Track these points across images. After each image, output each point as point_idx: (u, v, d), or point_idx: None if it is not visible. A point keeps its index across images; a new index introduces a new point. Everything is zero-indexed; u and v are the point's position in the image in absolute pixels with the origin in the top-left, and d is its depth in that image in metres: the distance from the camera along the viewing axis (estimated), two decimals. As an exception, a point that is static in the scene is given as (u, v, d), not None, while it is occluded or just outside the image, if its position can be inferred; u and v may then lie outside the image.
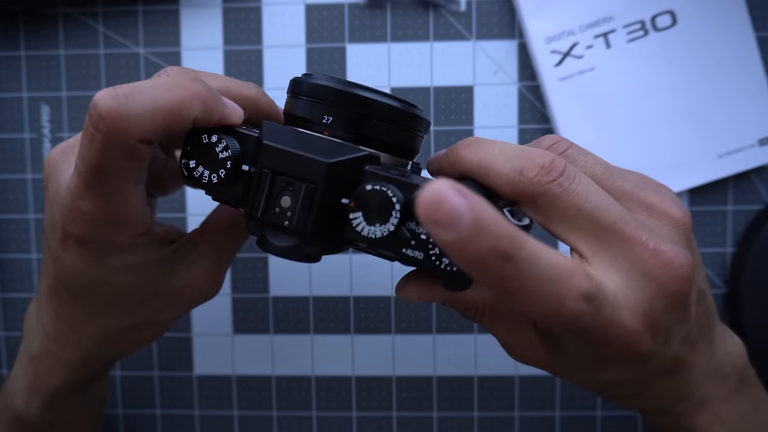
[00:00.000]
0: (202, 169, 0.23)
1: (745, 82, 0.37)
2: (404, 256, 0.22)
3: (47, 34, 0.40)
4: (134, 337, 0.29)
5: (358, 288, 0.40)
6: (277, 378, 0.41)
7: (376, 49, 0.39)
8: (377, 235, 0.21)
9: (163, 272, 0.28)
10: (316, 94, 0.23)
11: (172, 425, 0.41)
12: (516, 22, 0.39)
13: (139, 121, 0.21)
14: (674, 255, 0.23)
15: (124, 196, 0.23)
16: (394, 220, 0.21)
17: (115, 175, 0.23)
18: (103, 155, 0.22)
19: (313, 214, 0.22)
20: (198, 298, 0.29)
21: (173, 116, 0.22)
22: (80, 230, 0.24)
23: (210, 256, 0.29)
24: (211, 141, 0.23)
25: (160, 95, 0.22)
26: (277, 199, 0.22)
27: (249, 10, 0.39)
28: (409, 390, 0.41)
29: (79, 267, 0.26)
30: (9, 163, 0.40)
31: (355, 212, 0.21)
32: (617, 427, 0.40)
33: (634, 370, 0.25)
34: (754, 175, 0.39)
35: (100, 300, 0.27)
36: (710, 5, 0.37)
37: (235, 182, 0.23)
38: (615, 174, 0.25)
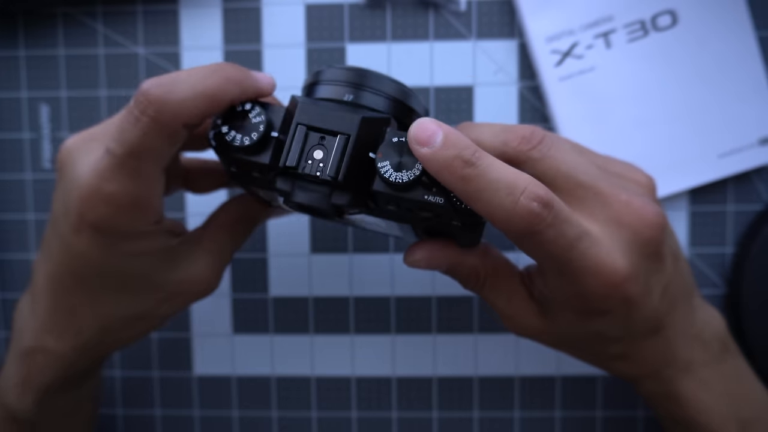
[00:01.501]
0: (235, 134, 0.25)
1: (745, 82, 0.37)
2: (426, 203, 0.24)
3: (47, 34, 0.40)
4: (132, 330, 0.30)
5: (358, 288, 0.40)
6: (277, 378, 0.41)
7: (376, 49, 0.39)
8: (404, 180, 0.24)
9: (168, 263, 0.28)
10: (336, 77, 0.26)
11: (172, 425, 0.41)
12: (516, 22, 0.39)
13: (182, 106, 0.24)
14: (645, 205, 0.26)
15: (152, 180, 0.25)
16: (419, 166, 0.24)
17: (151, 158, 0.25)
18: (146, 137, 0.24)
19: (346, 161, 0.24)
20: (197, 293, 0.30)
21: (212, 100, 0.24)
22: (98, 215, 0.25)
23: (212, 253, 0.30)
24: (245, 109, 0.25)
25: (199, 82, 0.24)
26: (310, 153, 0.24)
27: (249, 10, 0.39)
28: (409, 390, 0.41)
29: (92, 252, 0.26)
30: (9, 163, 0.40)
31: (383, 161, 0.24)
32: (617, 427, 0.40)
33: (621, 321, 0.27)
34: (754, 175, 0.39)
35: (107, 287, 0.27)
36: (710, 5, 0.37)
37: (264, 148, 0.25)
38: (586, 150, 0.29)
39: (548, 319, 0.29)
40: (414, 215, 0.25)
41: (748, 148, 0.37)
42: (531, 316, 0.29)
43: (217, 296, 0.41)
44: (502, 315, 0.29)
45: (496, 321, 0.39)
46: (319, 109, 0.24)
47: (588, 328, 0.28)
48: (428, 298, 0.40)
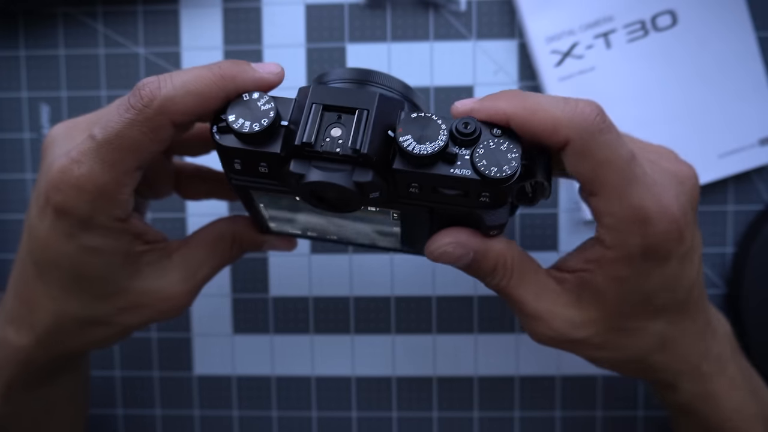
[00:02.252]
0: (243, 121, 0.24)
1: (745, 82, 0.37)
2: (453, 178, 0.23)
3: (47, 34, 0.40)
4: (89, 334, 0.28)
5: (358, 288, 0.40)
6: (277, 378, 0.41)
7: (376, 49, 0.39)
8: (428, 152, 0.22)
9: (130, 269, 0.27)
10: (344, 77, 0.26)
11: (172, 425, 0.41)
12: (516, 22, 0.39)
13: (171, 102, 0.24)
14: (687, 168, 0.27)
15: (124, 173, 0.25)
16: (443, 137, 0.22)
17: (129, 150, 0.24)
18: (130, 128, 0.24)
19: (368, 134, 0.23)
20: (163, 310, 0.29)
21: (203, 97, 0.24)
22: (61, 197, 0.25)
23: (181, 269, 0.29)
24: (252, 97, 0.24)
25: (190, 80, 0.24)
26: (327, 131, 0.23)
27: (249, 10, 0.39)
28: (409, 390, 0.41)
29: (50, 238, 0.26)
30: (9, 163, 0.40)
31: (404, 136, 0.23)
32: (617, 427, 0.40)
33: (672, 278, 0.26)
34: (754, 175, 0.39)
35: (62, 279, 0.27)
36: (710, 5, 0.37)
37: (273, 138, 0.24)
38: None
39: (585, 309, 0.26)
40: (438, 197, 0.24)
41: (748, 148, 0.37)
42: (565, 309, 0.26)
43: (217, 296, 0.41)
44: (532, 315, 0.27)
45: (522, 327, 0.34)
46: (333, 90, 0.24)
47: (639, 285, 0.25)
48: (428, 298, 0.40)
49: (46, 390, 0.32)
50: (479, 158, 0.23)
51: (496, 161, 0.22)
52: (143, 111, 0.24)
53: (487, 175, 0.22)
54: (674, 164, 0.27)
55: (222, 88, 0.24)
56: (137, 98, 0.24)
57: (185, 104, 0.24)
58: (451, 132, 0.23)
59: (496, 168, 0.22)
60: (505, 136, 0.23)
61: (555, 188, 0.39)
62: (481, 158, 0.23)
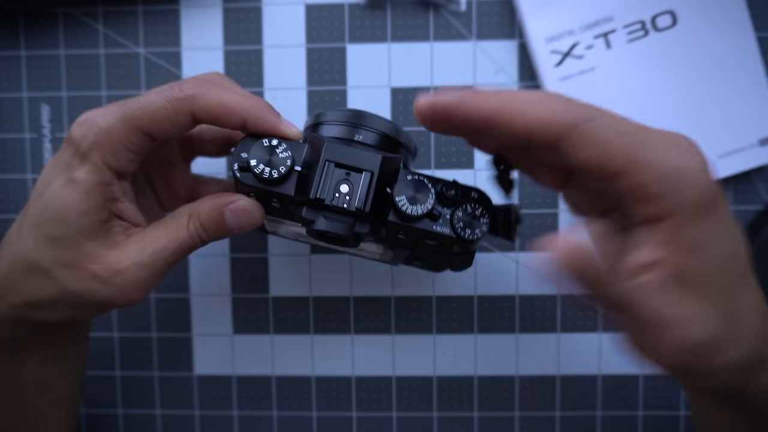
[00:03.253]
0: (263, 167, 0.27)
1: (745, 82, 0.37)
2: (434, 233, 0.27)
3: (47, 34, 0.40)
4: (28, 284, 0.28)
5: (358, 288, 0.40)
6: (277, 378, 0.41)
7: (376, 49, 0.39)
8: (418, 213, 0.27)
9: (91, 230, 0.28)
10: (339, 119, 0.30)
11: (172, 425, 0.41)
12: (516, 22, 0.39)
13: (202, 98, 0.27)
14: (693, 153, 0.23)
15: (133, 128, 0.27)
16: (431, 200, 0.27)
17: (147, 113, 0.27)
18: (157, 96, 0.27)
19: (371, 195, 0.27)
20: (104, 279, 0.28)
21: (227, 111, 0.28)
22: (77, 130, 0.28)
23: (134, 245, 0.29)
24: (272, 144, 0.28)
25: (227, 94, 0.28)
26: (337, 186, 0.27)
27: (249, 10, 0.39)
28: (409, 390, 0.41)
29: (50, 168, 0.28)
30: (9, 163, 0.40)
31: (400, 196, 0.27)
32: (617, 427, 0.40)
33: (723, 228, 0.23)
34: (754, 175, 0.39)
35: (36, 213, 0.28)
36: (710, 5, 0.37)
37: (288, 180, 0.28)
38: None
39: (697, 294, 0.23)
40: (419, 242, 0.29)
41: (748, 148, 0.37)
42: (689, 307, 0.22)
43: (217, 296, 0.41)
44: (659, 323, 0.22)
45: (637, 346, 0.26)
46: (344, 148, 0.28)
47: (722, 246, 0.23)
48: (428, 298, 0.40)
49: (12, 364, 0.31)
50: (457, 220, 0.27)
51: (470, 224, 0.27)
52: (174, 92, 0.27)
53: (461, 236, 0.27)
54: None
55: (247, 115, 0.28)
56: (177, 83, 0.28)
57: (212, 107, 0.28)
58: (437, 193, 0.28)
59: (470, 230, 0.27)
60: (480, 202, 0.28)
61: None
62: (459, 220, 0.27)
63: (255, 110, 0.28)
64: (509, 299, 0.40)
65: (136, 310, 0.41)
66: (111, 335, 0.41)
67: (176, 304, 0.41)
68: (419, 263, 0.33)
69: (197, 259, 0.40)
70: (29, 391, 0.33)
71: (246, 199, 0.29)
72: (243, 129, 0.29)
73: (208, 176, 0.36)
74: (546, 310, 0.40)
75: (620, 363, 0.40)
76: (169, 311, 0.41)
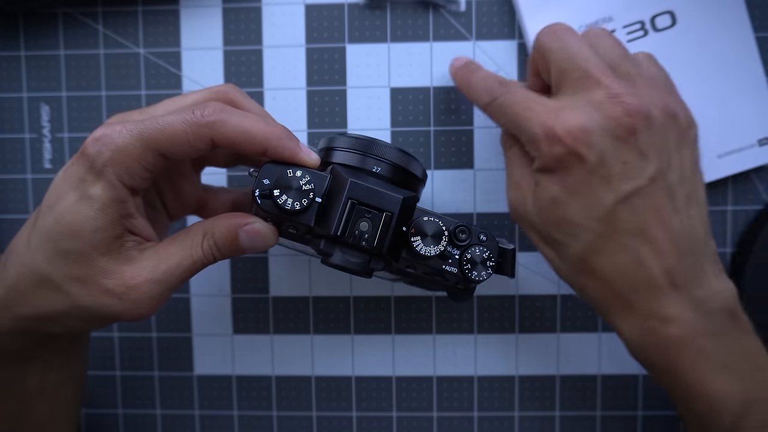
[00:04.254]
0: (286, 198, 0.28)
1: (744, 82, 0.37)
2: (443, 271, 0.29)
3: (47, 34, 0.40)
4: (38, 297, 0.28)
5: (358, 288, 0.40)
6: (277, 378, 0.41)
7: (376, 49, 0.39)
8: (432, 253, 0.28)
9: (104, 245, 0.27)
10: (350, 146, 0.31)
11: (172, 425, 0.41)
12: (516, 22, 0.39)
13: (223, 125, 0.28)
14: (630, 95, 0.29)
15: (150, 148, 0.27)
16: (444, 242, 0.29)
17: (166, 134, 0.27)
18: (178, 119, 0.28)
19: (388, 236, 0.28)
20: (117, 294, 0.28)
21: (247, 138, 0.28)
22: (92, 145, 0.27)
23: (147, 261, 0.28)
24: (296, 175, 0.28)
25: (248, 121, 0.28)
26: (356, 224, 0.28)
27: (249, 10, 0.39)
28: (409, 390, 0.41)
29: (62, 182, 0.28)
30: (9, 163, 0.40)
31: (415, 237, 0.29)
32: (617, 427, 0.40)
33: (579, 184, 0.29)
34: (754, 175, 0.39)
35: (46, 226, 0.28)
36: (710, 5, 0.37)
37: (309, 210, 0.28)
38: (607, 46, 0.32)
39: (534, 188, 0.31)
40: (427, 276, 0.31)
41: (748, 148, 0.38)
42: (530, 185, 0.31)
43: (217, 296, 0.41)
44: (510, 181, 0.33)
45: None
46: (367, 188, 0.29)
47: (545, 198, 0.30)
48: (428, 298, 0.40)
49: (16, 374, 0.31)
50: (466, 262, 0.29)
51: (476, 266, 0.29)
52: (195, 117, 0.27)
53: (468, 277, 0.29)
54: (621, 90, 0.29)
55: (267, 144, 0.28)
56: (198, 107, 0.28)
57: (232, 135, 0.28)
58: (450, 233, 0.29)
59: (476, 272, 0.29)
60: (487, 246, 0.29)
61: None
62: (467, 262, 0.29)
63: (275, 138, 0.28)
64: (509, 299, 0.40)
65: (136, 310, 0.41)
66: (111, 335, 0.41)
67: (176, 304, 0.41)
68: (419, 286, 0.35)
69: (197, 259, 0.40)
70: (32, 398, 0.32)
71: (262, 223, 0.29)
72: (263, 156, 0.29)
73: (217, 186, 0.37)
74: (546, 310, 0.40)
75: (620, 363, 0.40)
76: (169, 311, 0.41)
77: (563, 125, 0.29)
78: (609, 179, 0.28)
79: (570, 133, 0.28)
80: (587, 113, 0.28)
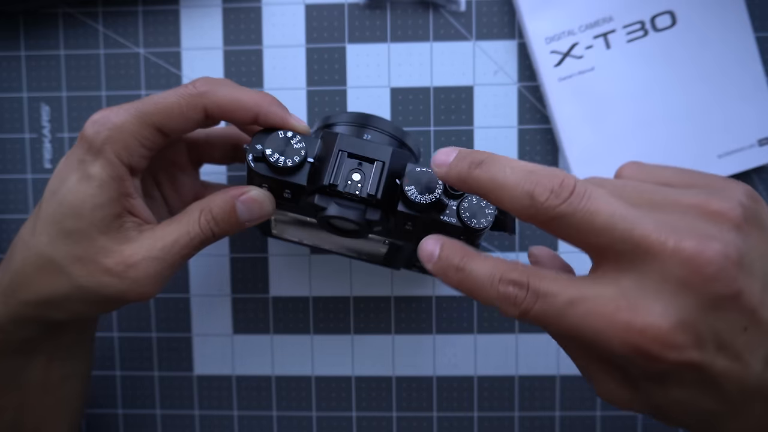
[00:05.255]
0: (278, 156, 0.28)
1: (744, 82, 0.37)
2: (442, 222, 0.29)
3: (47, 34, 0.40)
4: (41, 280, 0.28)
5: (358, 288, 0.40)
6: (277, 378, 0.41)
7: (376, 49, 0.39)
8: (427, 201, 0.28)
9: (104, 224, 0.28)
10: (348, 120, 0.32)
11: (172, 425, 0.41)
12: (516, 22, 0.39)
13: (214, 94, 0.29)
14: (699, 247, 0.21)
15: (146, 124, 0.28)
16: (438, 190, 0.28)
17: (160, 108, 0.28)
18: (171, 93, 0.29)
19: (383, 183, 0.28)
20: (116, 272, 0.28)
21: (239, 106, 0.29)
22: (91, 127, 0.28)
23: (145, 240, 0.29)
24: (287, 136, 0.29)
25: (238, 90, 0.29)
26: (349, 175, 0.28)
27: (249, 10, 0.39)
28: (409, 390, 0.41)
29: (64, 165, 0.29)
30: (9, 163, 0.40)
31: (409, 186, 0.28)
32: (617, 427, 0.40)
33: (701, 388, 0.22)
34: (754, 175, 0.39)
35: (50, 209, 0.28)
36: (710, 6, 0.37)
37: (300, 170, 0.29)
38: (632, 185, 0.24)
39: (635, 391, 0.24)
40: (426, 234, 0.29)
41: (748, 149, 0.38)
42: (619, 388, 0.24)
43: (217, 296, 0.41)
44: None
45: None
46: (357, 140, 0.29)
47: (669, 397, 0.23)
48: (428, 298, 0.40)
49: (20, 366, 0.31)
50: (464, 210, 0.29)
51: (475, 214, 0.29)
52: (187, 89, 0.29)
53: (467, 225, 0.29)
54: (683, 243, 0.21)
55: (258, 109, 0.29)
56: (192, 82, 0.29)
57: (224, 102, 0.29)
58: (445, 186, 0.29)
59: (476, 220, 0.29)
60: None
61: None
62: (465, 210, 0.29)
63: (265, 104, 0.29)
64: (509, 299, 0.40)
65: (136, 310, 0.41)
66: (111, 335, 0.41)
67: (176, 304, 0.41)
68: (420, 265, 0.34)
69: (197, 259, 0.40)
70: (35, 392, 0.33)
71: (257, 190, 0.30)
72: (254, 124, 0.30)
73: (216, 183, 0.37)
74: (546, 310, 0.40)
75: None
76: (169, 311, 0.41)
77: (650, 333, 0.21)
78: (739, 357, 0.22)
79: (666, 342, 0.21)
80: (664, 300, 0.21)
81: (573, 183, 0.23)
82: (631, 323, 0.21)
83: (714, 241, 0.21)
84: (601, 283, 0.23)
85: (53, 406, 0.34)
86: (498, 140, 0.39)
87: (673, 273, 0.21)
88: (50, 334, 0.31)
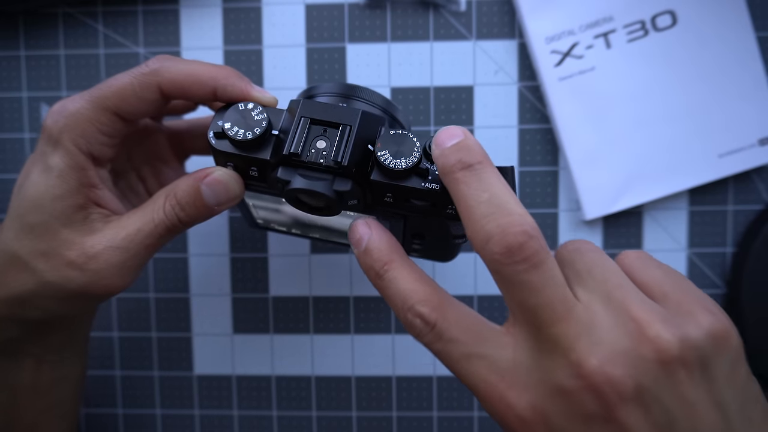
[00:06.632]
0: (237, 129, 0.26)
1: (745, 82, 0.37)
2: (422, 190, 0.25)
3: (47, 34, 0.40)
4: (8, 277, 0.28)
5: (358, 288, 0.40)
6: (277, 378, 0.41)
7: (376, 49, 0.39)
8: (402, 167, 0.25)
9: (67, 216, 0.27)
10: (330, 91, 0.28)
11: (172, 425, 0.41)
12: (516, 22, 0.39)
13: (167, 71, 0.28)
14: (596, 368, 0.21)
15: (101, 108, 0.27)
16: (416, 153, 0.25)
17: (114, 91, 0.27)
18: (124, 75, 0.28)
19: (350, 148, 0.25)
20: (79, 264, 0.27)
21: (194, 81, 0.28)
22: (50, 118, 0.28)
23: (110, 230, 0.28)
24: (247, 108, 0.26)
25: (191, 64, 0.28)
26: (313, 143, 0.25)
27: (249, 10, 0.39)
28: (409, 390, 0.41)
29: (29, 162, 0.28)
30: (9, 163, 0.40)
31: (382, 151, 0.25)
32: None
33: None
34: (754, 175, 0.39)
35: (15, 204, 0.28)
36: (710, 5, 0.37)
37: (265, 145, 0.26)
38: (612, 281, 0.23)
39: None
40: (410, 206, 0.26)
41: (748, 148, 0.37)
42: None
43: (217, 296, 0.41)
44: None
45: None
46: (321, 105, 0.26)
47: None
48: (428, 298, 0.40)
49: (8, 367, 0.31)
50: None
51: None
52: (140, 69, 0.28)
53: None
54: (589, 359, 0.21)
55: (215, 83, 0.27)
56: (146, 62, 0.28)
57: (178, 78, 0.27)
58: (425, 149, 0.26)
59: None
60: None
61: (554, 188, 0.39)
62: None
63: (222, 77, 0.28)
64: (509, 299, 0.40)
65: (136, 310, 0.41)
66: (111, 335, 0.41)
67: (176, 304, 0.41)
68: (417, 244, 0.31)
69: (197, 259, 0.40)
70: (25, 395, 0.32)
71: (222, 170, 0.28)
72: (214, 100, 0.28)
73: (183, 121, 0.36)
74: (546, 310, 0.40)
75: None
76: (169, 311, 0.41)
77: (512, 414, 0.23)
78: None
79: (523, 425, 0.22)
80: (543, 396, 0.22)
81: (533, 250, 0.22)
82: (503, 398, 0.23)
83: (618, 367, 0.20)
84: (503, 345, 0.23)
85: (46, 409, 0.33)
86: (498, 140, 0.39)
87: (561, 379, 0.21)
88: (34, 335, 0.31)
